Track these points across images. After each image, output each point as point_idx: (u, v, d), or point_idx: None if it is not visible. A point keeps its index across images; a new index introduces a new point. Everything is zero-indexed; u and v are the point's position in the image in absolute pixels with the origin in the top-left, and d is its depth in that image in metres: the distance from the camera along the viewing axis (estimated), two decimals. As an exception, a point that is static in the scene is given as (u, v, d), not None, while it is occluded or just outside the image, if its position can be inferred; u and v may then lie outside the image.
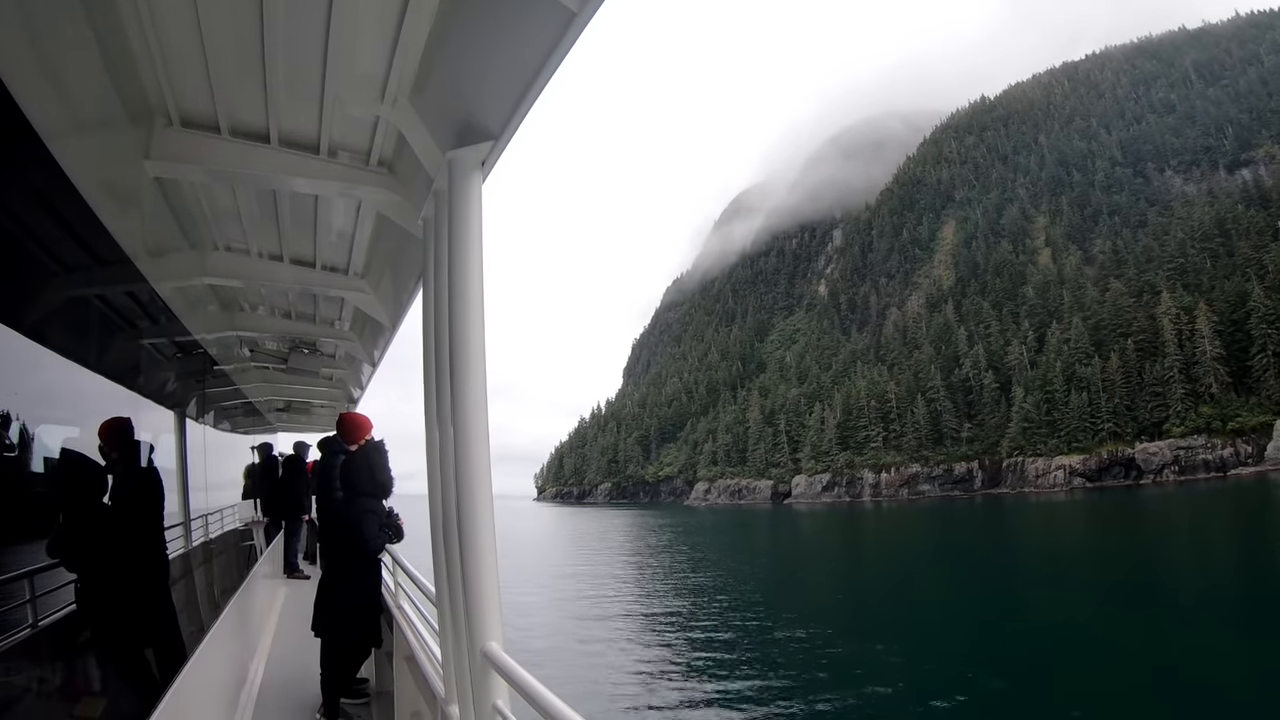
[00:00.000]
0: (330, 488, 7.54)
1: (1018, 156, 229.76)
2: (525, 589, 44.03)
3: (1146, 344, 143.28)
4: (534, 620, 34.81)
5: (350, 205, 6.20)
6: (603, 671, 26.74)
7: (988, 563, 58.52)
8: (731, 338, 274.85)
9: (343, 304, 9.42)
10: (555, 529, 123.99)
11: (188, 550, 9.80)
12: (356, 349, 11.17)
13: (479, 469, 3.80)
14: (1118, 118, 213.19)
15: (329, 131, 4.82)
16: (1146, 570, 47.68)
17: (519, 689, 3.05)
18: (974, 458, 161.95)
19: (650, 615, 38.42)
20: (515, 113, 3.55)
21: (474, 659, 3.66)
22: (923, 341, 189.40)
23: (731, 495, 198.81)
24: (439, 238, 4.18)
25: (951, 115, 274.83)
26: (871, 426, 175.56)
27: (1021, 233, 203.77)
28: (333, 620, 7.00)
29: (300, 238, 7.06)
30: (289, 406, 17.36)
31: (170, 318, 7.42)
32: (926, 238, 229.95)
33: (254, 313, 10.00)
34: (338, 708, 6.89)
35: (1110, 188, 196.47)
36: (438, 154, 4.10)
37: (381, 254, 7.26)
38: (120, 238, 5.24)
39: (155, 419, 8.37)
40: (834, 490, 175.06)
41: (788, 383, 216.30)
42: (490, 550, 3.79)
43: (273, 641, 9.59)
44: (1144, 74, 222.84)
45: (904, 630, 33.14)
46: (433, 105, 4.07)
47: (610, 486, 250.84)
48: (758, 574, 56.89)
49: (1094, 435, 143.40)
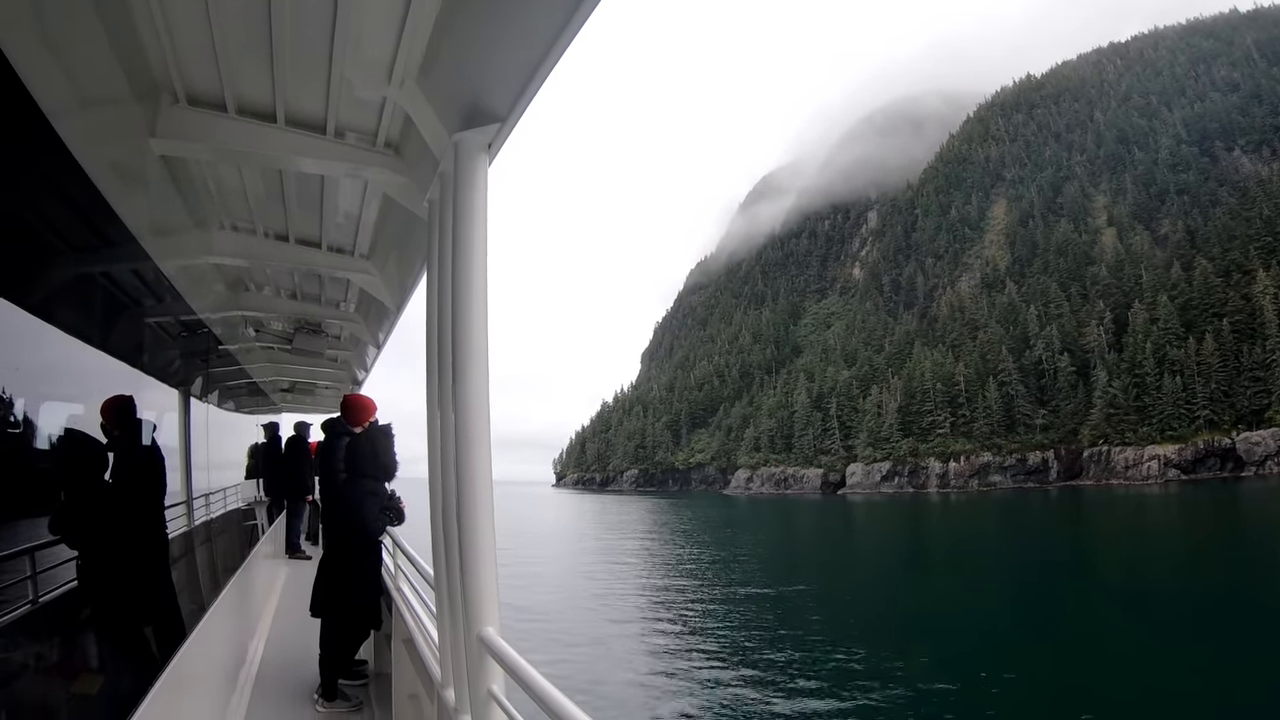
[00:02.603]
0: (333, 469, 7.66)
1: (1071, 134, 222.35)
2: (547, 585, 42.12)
3: (1243, 325, 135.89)
4: (549, 609, 34.42)
5: (356, 186, 6.14)
6: (617, 667, 25.83)
7: (1090, 565, 52.82)
8: (763, 320, 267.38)
9: (348, 285, 9.38)
10: (589, 518, 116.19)
11: (189, 529, 9.97)
12: (361, 331, 11.01)
13: (479, 454, 3.86)
14: (1178, 95, 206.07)
15: (336, 112, 4.76)
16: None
17: (513, 674, 3.10)
18: (1049, 446, 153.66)
19: (685, 614, 35.91)
20: (522, 95, 3.59)
21: (470, 643, 3.73)
22: (985, 322, 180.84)
23: (776, 484, 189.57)
24: (444, 220, 4.15)
25: (996, 93, 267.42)
26: (938, 411, 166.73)
27: (1082, 211, 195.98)
28: (332, 601, 7.07)
29: (306, 218, 6.95)
30: (294, 387, 17.33)
31: (175, 296, 7.50)
32: (976, 217, 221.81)
33: (260, 293, 9.80)
34: (336, 689, 6.96)
35: (1176, 166, 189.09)
36: (444, 136, 4.09)
37: (387, 236, 7.13)
38: (125, 216, 5.30)
39: (159, 397, 8.60)
40: (894, 480, 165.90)
41: (834, 365, 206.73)
42: (489, 536, 3.85)
43: (273, 621, 9.63)
44: (1203, 52, 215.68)
45: (963, 647, 29.03)
46: (440, 87, 4.02)
47: (637, 473, 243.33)
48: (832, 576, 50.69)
49: (1190, 423, 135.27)
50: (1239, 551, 53.09)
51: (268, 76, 4.35)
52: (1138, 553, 56.58)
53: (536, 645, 26.66)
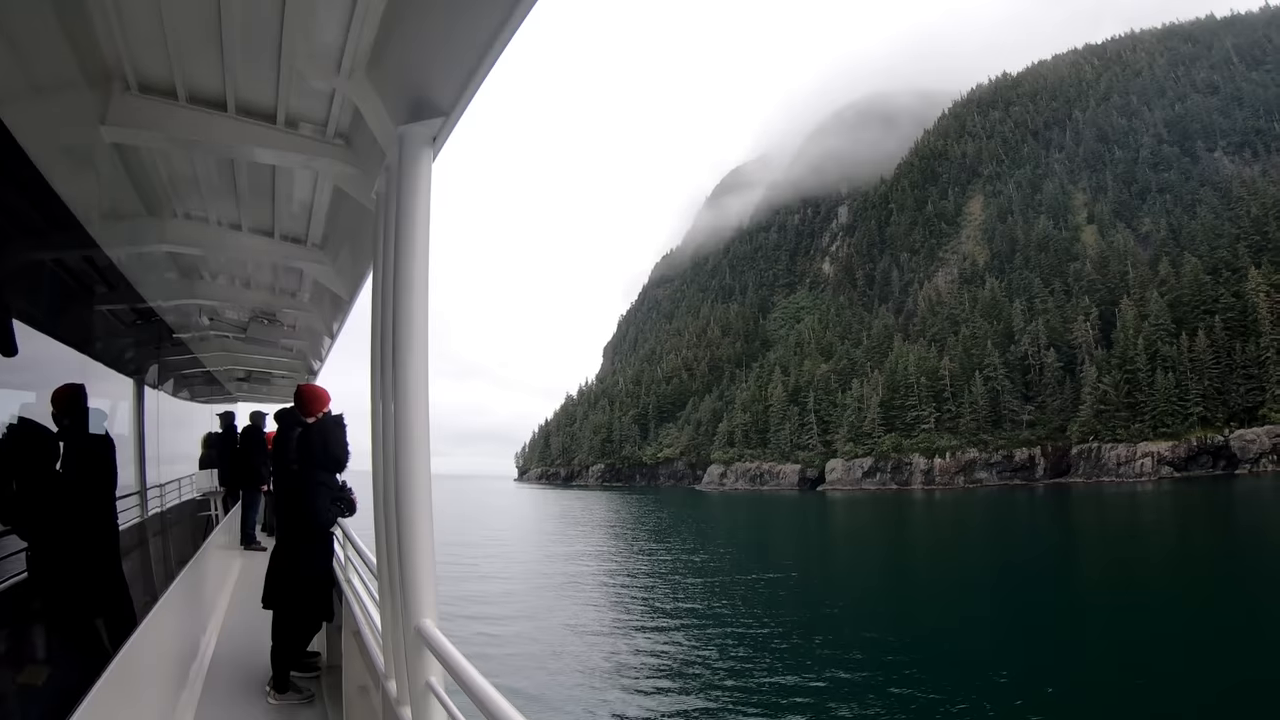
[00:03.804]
0: (285, 460, 7.71)
1: (1049, 132, 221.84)
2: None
3: (1235, 322, 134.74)
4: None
5: (309, 176, 6.05)
6: (576, 669, 24.55)
7: (1084, 562, 52.40)
8: (732, 314, 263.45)
9: (302, 275, 9.15)
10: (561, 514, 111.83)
11: (142, 520, 9.90)
12: (315, 321, 11.08)
13: (418, 446, 3.91)
14: (1158, 96, 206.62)
15: (286, 101, 4.75)
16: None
17: (448, 667, 3.18)
18: (1036, 443, 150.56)
19: (650, 610, 34.96)
20: (465, 90, 3.64)
21: (408, 635, 3.80)
22: (967, 317, 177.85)
23: (752, 480, 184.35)
24: (388, 213, 4.21)
25: (972, 90, 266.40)
26: (922, 406, 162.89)
27: (1062, 208, 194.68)
28: (283, 593, 7.09)
29: (259, 207, 6.89)
30: (249, 377, 16.85)
31: (127, 284, 7.44)
32: (952, 212, 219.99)
33: (214, 281, 9.70)
34: (288, 681, 6.97)
35: (1157, 165, 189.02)
36: (391, 129, 4.12)
37: (340, 227, 7.04)
38: (75, 204, 5.25)
39: (111, 386, 8.60)
40: (877, 476, 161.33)
41: (811, 359, 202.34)
42: (427, 527, 3.91)
43: (226, 613, 9.68)
44: (1181, 55, 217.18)
45: (947, 646, 28.07)
46: (387, 79, 4.06)
47: (604, 468, 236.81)
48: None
49: (1183, 420, 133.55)
50: (1234, 548, 52.84)
51: (218, 64, 4.30)
52: (1132, 550, 54.62)
53: (489, 639, 26.66)
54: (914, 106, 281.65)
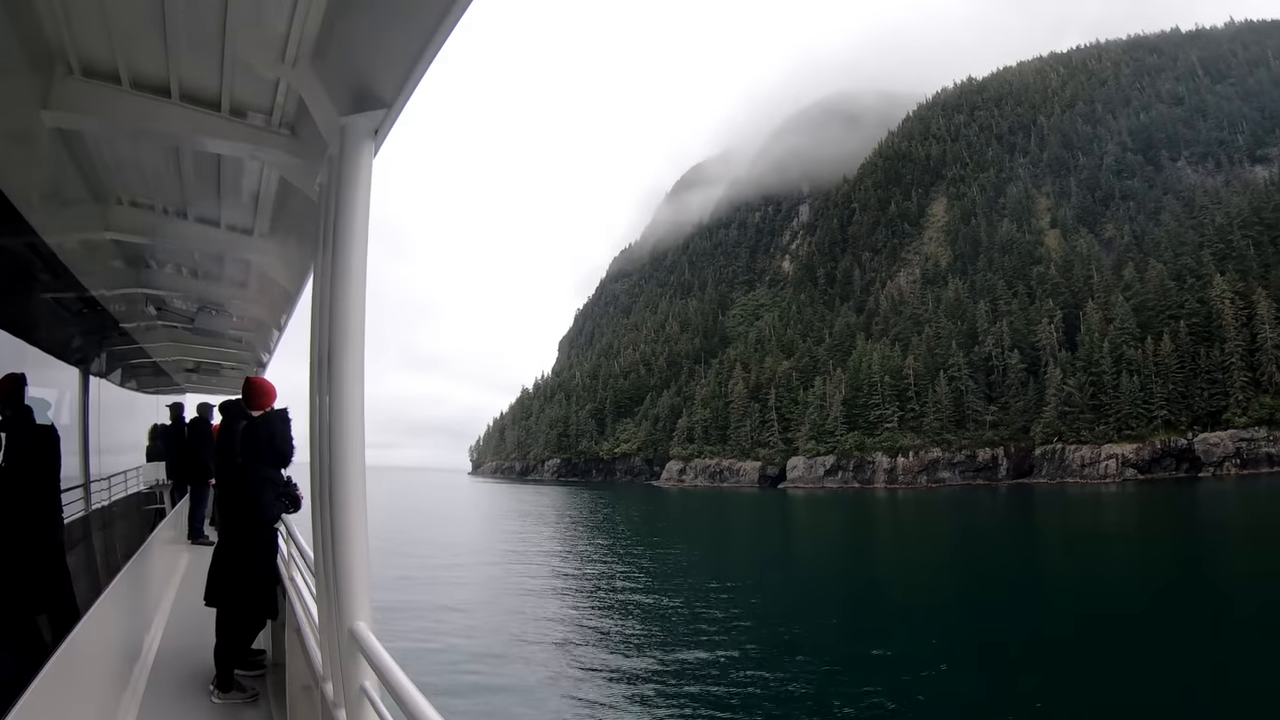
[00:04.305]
0: (230, 454, 7.53)
1: (1014, 137, 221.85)
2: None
3: (1199, 328, 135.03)
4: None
5: (255, 166, 6.03)
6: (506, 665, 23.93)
7: (1047, 561, 51.96)
8: (691, 310, 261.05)
9: (249, 266, 9.13)
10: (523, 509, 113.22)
11: (87, 513, 9.94)
12: (263, 313, 11.06)
13: (353, 442, 3.88)
14: (1123, 105, 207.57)
15: (231, 90, 4.72)
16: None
17: (380, 673, 3.15)
18: (999, 443, 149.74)
19: (607, 604, 34.86)
20: (408, 81, 3.63)
21: (343, 638, 3.75)
22: (930, 317, 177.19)
23: (711, 477, 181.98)
24: (329, 205, 4.16)
25: (937, 93, 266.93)
26: (885, 405, 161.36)
27: (1025, 212, 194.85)
28: (227, 590, 7.02)
29: (205, 196, 6.84)
30: (198, 368, 17.05)
31: (70, 273, 7.45)
32: (916, 213, 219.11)
33: (161, 270, 9.55)
34: (232, 679, 6.86)
35: (1121, 172, 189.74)
36: (334, 119, 4.05)
37: (286, 218, 6.97)
38: (14, 190, 5.28)
39: (54, 376, 8.64)
40: (839, 474, 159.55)
41: (772, 356, 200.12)
42: (361, 527, 3.88)
43: (172, 609, 9.58)
44: (1147, 66, 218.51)
45: (906, 645, 27.48)
46: (331, 69, 4.01)
47: (560, 463, 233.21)
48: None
49: (1147, 423, 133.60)
50: (1200, 547, 53.44)
51: (161, 49, 4.22)
52: (1095, 549, 55.25)
53: (431, 639, 25.70)
54: (878, 107, 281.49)
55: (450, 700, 19.20)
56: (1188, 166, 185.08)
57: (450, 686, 20.62)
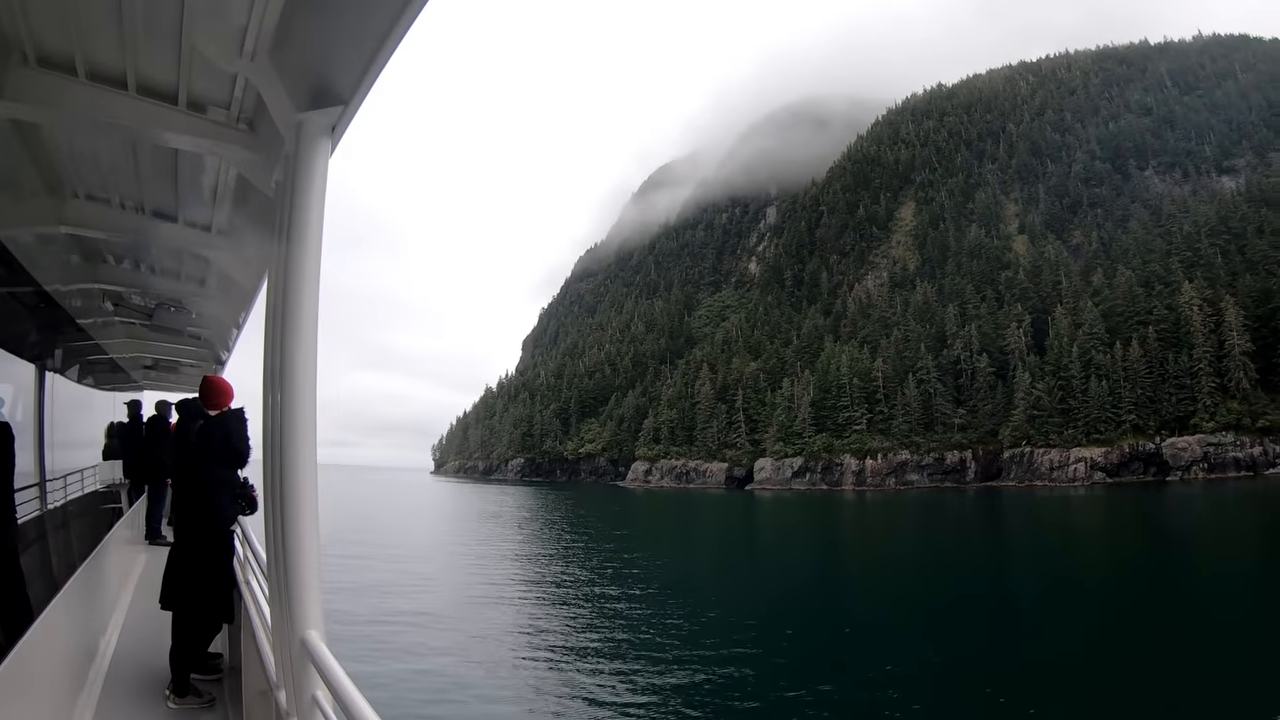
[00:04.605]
0: (186, 453, 7.42)
1: (983, 143, 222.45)
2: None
3: (1168, 334, 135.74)
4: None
5: (213, 162, 5.93)
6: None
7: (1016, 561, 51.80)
8: (657, 310, 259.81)
9: (208, 263, 8.87)
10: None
11: (42, 512, 9.61)
12: (222, 310, 10.88)
13: (304, 445, 3.81)
14: (1092, 114, 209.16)
15: (188, 83, 4.57)
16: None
17: (330, 685, 3.10)
18: (968, 446, 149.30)
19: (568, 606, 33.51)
20: (366, 77, 3.62)
21: (294, 646, 3.70)
22: (899, 320, 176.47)
23: (677, 478, 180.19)
24: (284, 204, 4.10)
25: (906, 99, 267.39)
26: (854, 407, 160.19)
27: (994, 218, 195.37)
28: (182, 593, 6.87)
29: (162, 191, 6.65)
30: (156, 365, 16.65)
31: (24, 267, 7.28)
32: (884, 217, 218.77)
33: (118, 266, 9.36)
34: (188, 684, 6.71)
35: (1089, 180, 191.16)
36: (291, 116, 4.01)
37: (244, 214, 6.81)
38: None
39: (8, 371, 8.57)
40: (807, 476, 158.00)
41: (739, 357, 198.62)
42: (312, 531, 3.81)
43: (129, 611, 9.38)
44: (1116, 76, 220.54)
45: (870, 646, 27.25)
46: (290, 64, 3.94)
47: (523, 462, 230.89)
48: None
49: (1116, 427, 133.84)
50: (1167, 549, 53.69)
51: (118, 40, 4.10)
52: (1063, 550, 55.63)
53: (386, 645, 24.44)
54: (847, 111, 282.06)
55: (404, 710, 18.38)
56: (1155, 176, 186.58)
57: (403, 696, 19.51)
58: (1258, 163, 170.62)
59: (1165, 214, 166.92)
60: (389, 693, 19.43)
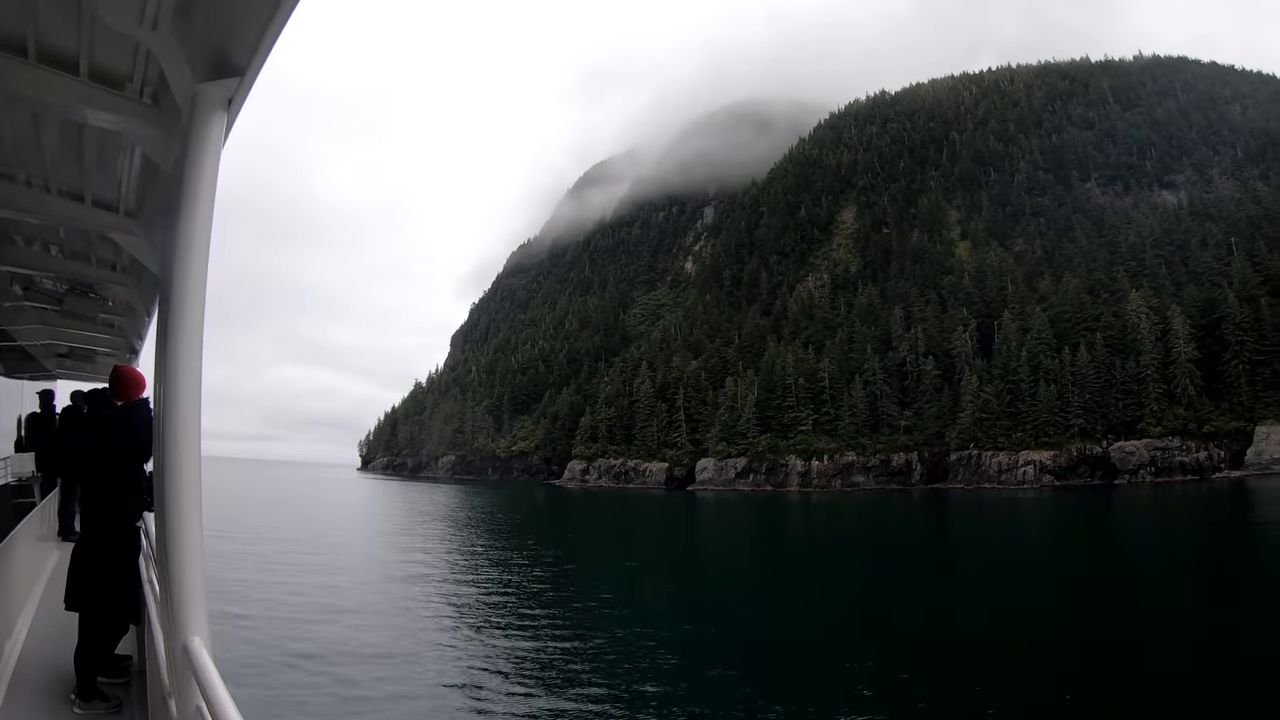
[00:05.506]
0: (92, 445, 7.11)
1: (925, 150, 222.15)
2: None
3: (1115, 340, 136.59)
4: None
5: (118, 138, 5.67)
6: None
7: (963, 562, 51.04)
8: (592, 307, 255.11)
9: (118, 246, 8.51)
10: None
11: None
12: (133, 297, 10.46)
13: (186, 440, 3.65)
14: (1035, 126, 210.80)
15: (89, 51, 4.36)
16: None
17: (206, 697, 2.93)
18: (914, 448, 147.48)
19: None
20: (259, 48, 3.53)
21: (178, 653, 3.57)
22: (842, 321, 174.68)
23: (616, 477, 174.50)
24: (177, 181, 3.93)
25: (849, 104, 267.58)
26: (800, 408, 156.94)
27: (936, 223, 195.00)
28: (87, 592, 6.60)
29: (68, 168, 6.39)
30: (71, 353, 16.28)
31: None
32: (825, 219, 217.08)
33: (28, 248, 9.09)
34: (94, 687, 6.41)
35: (1032, 190, 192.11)
36: (190, 87, 3.87)
37: (152, 195, 6.56)
38: None
39: None
40: (751, 477, 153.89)
41: (679, 355, 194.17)
42: (195, 531, 3.66)
43: (37, 611, 8.97)
44: (1059, 90, 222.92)
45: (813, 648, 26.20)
46: (192, 33, 3.80)
47: (454, 460, 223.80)
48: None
49: (1064, 430, 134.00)
50: (1109, 553, 52.45)
51: (16, 2, 3.92)
52: (1011, 551, 56.15)
53: (287, 652, 22.29)
54: (789, 114, 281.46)
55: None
56: (1097, 187, 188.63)
57: (304, 701, 18.19)
58: (1198, 179, 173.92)
59: (1108, 224, 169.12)
60: (281, 702, 17.96)
